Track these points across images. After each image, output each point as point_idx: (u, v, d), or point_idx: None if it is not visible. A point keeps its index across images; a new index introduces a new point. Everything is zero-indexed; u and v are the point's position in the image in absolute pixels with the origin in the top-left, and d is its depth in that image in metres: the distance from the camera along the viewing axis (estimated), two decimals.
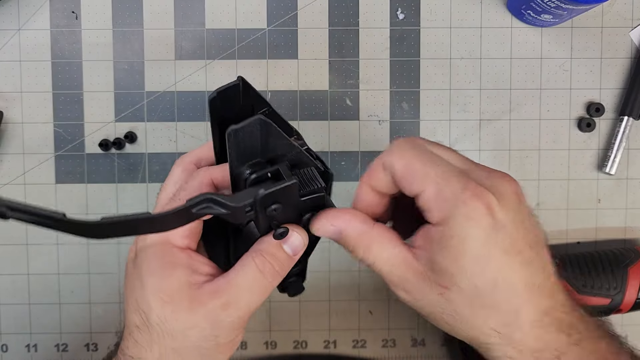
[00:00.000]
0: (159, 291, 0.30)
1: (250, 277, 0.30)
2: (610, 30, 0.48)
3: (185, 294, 0.30)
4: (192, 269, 0.31)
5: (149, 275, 0.30)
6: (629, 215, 0.49)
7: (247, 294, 0.30)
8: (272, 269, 0.30)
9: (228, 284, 0.30)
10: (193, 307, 0.29)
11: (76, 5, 0.47)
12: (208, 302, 0.29)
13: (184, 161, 0.34)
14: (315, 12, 0.48)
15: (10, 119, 0.48)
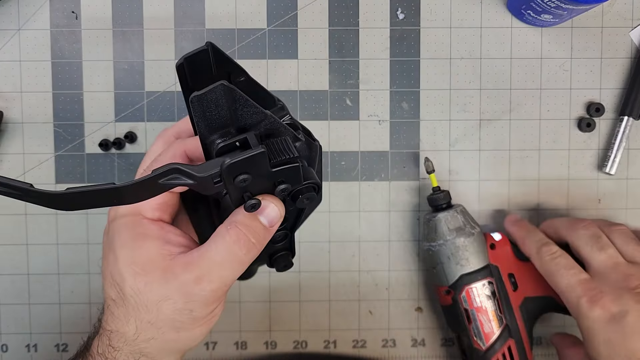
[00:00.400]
0: (132, 263, 0.29)
1: (223, 250, 0.29)
2: (610, 30, 0.48)
3: (158, 265, 0.29)
4: (164, 240, 0.30)
5: (121, 247, 0.30)
6: (629, 215, 0.49)
7: (221, 267, 0.29)
8: (247, 241, 0.29)
9: (201, 257, 0.29)
10: (166, 278, 0.29)
11: (76, 5, 0.47)
12: (180, 274, 0.29)
13: (165, 134, 0.35)
14: (315, 12, 0.48)
15: (10, 118, 0.48)
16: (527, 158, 0.49)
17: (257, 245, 0.30)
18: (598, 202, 0.49)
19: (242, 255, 0.29)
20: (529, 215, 0.49)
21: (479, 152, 0.49)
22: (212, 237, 0.30)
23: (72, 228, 0.49)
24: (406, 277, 0.49)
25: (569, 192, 0.49)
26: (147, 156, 0.34)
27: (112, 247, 0.31)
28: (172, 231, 0.31)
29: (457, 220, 0.44)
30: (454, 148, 0.49)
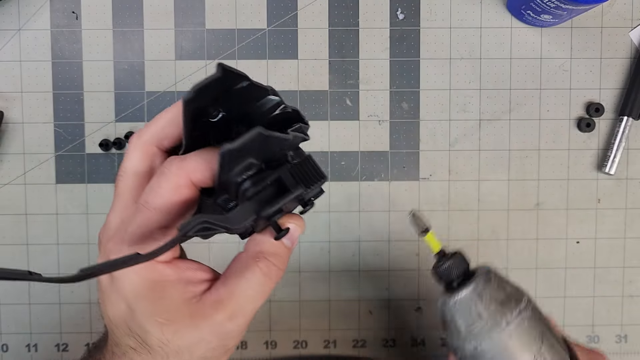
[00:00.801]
0: (154, 314, 0.27)
1: (255, 284, 0.28)
2: (610, 31, 0.48)
3: (185, 312, 0.27)
4: (184, 281, 0.28)
5: (137, 298, 0.27)
6: (629, 215, 0.49)
7: (253, 300, 0.28)
8: (277, 270, 0.28)
9: (232, 293, 0.27)
10: (196, 323, 0.27)
11: (76, 5, 0.48)
12: (212, 315, 0.27)
13: (141, 142, 0.29)
14: (315, 12, 0.48)
15: (11, 119, 0.48)
16: (527, 158, 0.49)
17: (283, 269, 0.29)
18: (598, 202, 0.49)
19: (272, 285, 0.28)
20: (529, 215, 0.49)
21: (479, 152, 0.49)
22: (239, 270, 0.28)
23: (72, 228, 0.49)
24: (406, 278, 0.49)
25: (569, 192, 0.49)
26: (127, 171, 0.29)
27: (123, 297, 0.27)
28: (189, 267, 0.28)
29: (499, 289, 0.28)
30: (454, 148, 0.49)
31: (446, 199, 0.49)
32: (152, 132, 0.28)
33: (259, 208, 0.25)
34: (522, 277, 0.50)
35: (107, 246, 0.27)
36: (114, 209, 0.28)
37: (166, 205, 0.26)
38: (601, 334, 0.50)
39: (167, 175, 0.26)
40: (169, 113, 0.29)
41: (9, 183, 0.48)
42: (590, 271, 0.50)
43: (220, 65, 0.24)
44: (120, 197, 0.28)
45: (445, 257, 0.29)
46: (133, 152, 0.28)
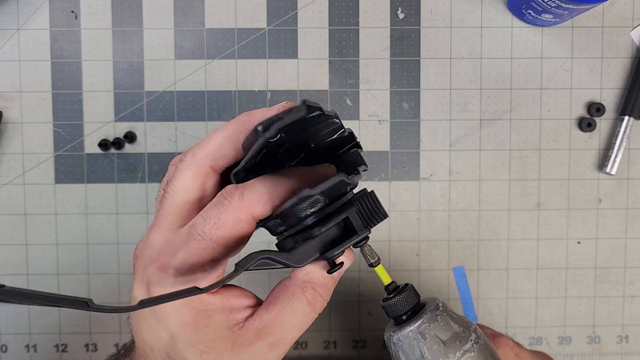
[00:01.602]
0: (196, 343, 0.26)
1: (300, 313, 0.27)
2: (610, 30, 0.48)
3: (227, 339, 0.26)
4: (229, 309, 0.27)
5: (181, 327, 0.26)
6: (630, 215, 0.49)
7: (296, 329, 0.27)
8: (322, 301, 0.28)
9: (275, 321, 0.27)
10: (237, 351, 0.26)
11: (75, 4, 0.47)
12: (254, 343, 0.26)
13: (195, 161, 0.27)
14: (315, 11, 0.48)
15: (10, 118, 0.48)
16: (528, 158, 0.49)
17: (328, 300, 0.29)
18: (599, 202, 0.49)
19: (315, 315, 0.28)
20: (530, 215, 0.49)
21: (480, 152, 0.49)
22: (285, 298, 0.27)
23: (72, 228, 0.48)
24: (406, 278, 0.49)
25: (570, 192, 0.49)
26: (178, 190, 0.27)
27: (165, 323, 0.26)
28: (233, 294, 0.27)
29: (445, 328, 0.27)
30: (454, 148, 0.49)
31: (447, 199, 0.49)
32: (207, 151, 0.27)
33: (323, 248, 0.25)
34: (523, 278, 0.49)
35: (149, 270, 0.26)
36: (158, 226, 0.27)
37: (224, 239, 0.25)
38: (602, 334, 0.50)
39: (228, 208, 0.25)
40: (224, 132, 0.27)
41: (8, 183, 0.48)
42: (591, 271, 0.49)
43: (304, 103, 0.23)
44: (166, 216, 0.27)
45: (395, 290, 0.29)
46: (185, 171, 0.27)
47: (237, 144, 0.27)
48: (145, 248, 0.27)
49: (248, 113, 0.27)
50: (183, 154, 0.28)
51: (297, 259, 0.25)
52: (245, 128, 0.27)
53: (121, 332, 0.49)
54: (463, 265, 0.49)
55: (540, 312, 0.50)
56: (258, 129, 0.23)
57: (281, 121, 0.22)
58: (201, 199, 0.27)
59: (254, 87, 0.48)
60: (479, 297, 0.49)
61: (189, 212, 0.27)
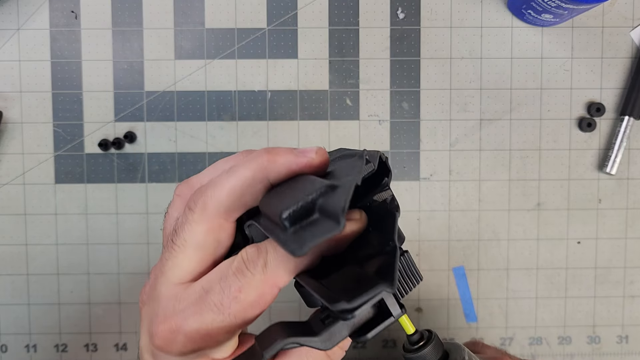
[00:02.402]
0: None
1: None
2: (611, 30, 0.48)
3: None
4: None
5: None
6: (630, 215, 0.49)
7: None
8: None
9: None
10: None
11: (75, 4, 0.47)
12: None
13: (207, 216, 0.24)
14: (315, 11, 0.48)
15: (10, 118, 0.48)
16: (528, 158, 0.49)
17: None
18: (599, 203, 0.49)
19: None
20: (530, 215, 0.49)
21: (480, 152, 0.49)
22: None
23: (71, 228, 0.48)
24: None
25: (570, 192, 0.49)
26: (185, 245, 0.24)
27: None
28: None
29: None
30: (454, 148, 0.49)
31: (447, 199, 0.49)
32: (220, 203, 0.23)
33: (355, 333, 0.23)
34: (523, 278, 0.49)
35: (157, 328, 0.23)
36: (165, 277, 0.25)
37: (243, 312, 0.23)
38: (602, 334, 0.50)
39: (251, 281, 0.23)
40: (240, 178, 0.23)
41: (8, 183, 0.48)
42: (591, 271, 0.49)
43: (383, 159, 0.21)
44: (174, 269, 0.24)
45: (421, 340, 0.27)
46: (196, 226, 0.24)
47: (256, 194, 0.23)
48: (151, 298, 0.25)
49: (270, 155, 0.23)
50: (193, 198, 0.24)
51: (326, 342, 0.23)
52: (265, 176, 0.23)
53: (121, 332, 0.49)
54: (463, 265, 0.49)
55: (540, 312, 0.50)
56: (285, 222, 0.20)
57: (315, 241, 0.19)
58: (215, 250, 0.25)
59: (254, 87, 0.48)
60: (479, 297, 0.49)
61: (201, 266, 0.25)
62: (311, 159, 0.23)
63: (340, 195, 0.19)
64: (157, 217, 0.48)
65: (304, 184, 0.22)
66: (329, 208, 0.19)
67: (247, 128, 0.48)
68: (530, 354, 0.50)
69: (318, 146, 0.24)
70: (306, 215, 0.20)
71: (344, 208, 0.18)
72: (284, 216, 0.20)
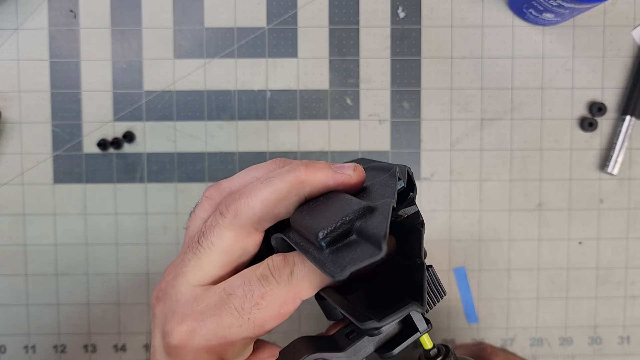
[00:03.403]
0: None
1: None
2: (612, 29, 0.48)
3: None
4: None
5: None
6: (631, 215, 0.49)
7: None
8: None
9: None
10: None
11: (74, 4, 0.47)
12: None
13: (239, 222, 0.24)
14: (315, 10, 0.48)
15: (8, 118, 0.48)
16: (529, 158, 0.49)
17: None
18: (600, 202, 0.49)
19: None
20: (531, 216, 0.49)
21: (480, 151, 0.49)
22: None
23: (70, 229, 0.48)
24: None
25: (571, 192, 0.49)
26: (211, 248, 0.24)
27: None
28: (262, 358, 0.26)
29: None
30: (455, 148, 0.48)
31: (448, 199, 0.49)
32: (253, 212, 0.23)
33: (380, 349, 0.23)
34: (524, 278, 0.49)
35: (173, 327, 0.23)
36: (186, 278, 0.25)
37: (263, 321, 0.23)
38: (603, 335, 0.50)
39: (275, 289, 0.23)
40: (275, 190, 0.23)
41: (7, 183, 0.48)
42: (592, 272, 0.49)
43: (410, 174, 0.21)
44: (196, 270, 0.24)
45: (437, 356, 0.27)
46: (226, 231, 0.24)
47: (288, 207, 0.24)
48: (168, 297, 0.25)
49: (309, 170, 0.23)
50: (225, 203, 0.24)
51: (351, 358, 0.23)
52: (300, 190, 0.23)
53: (120, 333, 0.49)
54: (464, 266, 0.49)
55: (542, 312, 0.49)
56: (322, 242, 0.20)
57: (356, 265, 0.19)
58: (239, 257, 0.25)
59: (253, 86, 0.48)
60: (480, 297, 0.49)
61: (223, 270, 0.25)
62: (349, 177, 0.23)
63: (382, 220, 0.19)
64: (157, 217, 0.48)
65: (340, 203, 0.22)
66: (369, 232, 0.19)
67: (247, 128, 0.48)
68: (531, 355, 0.49)
69: (355, 164, 0.24)
70: (343, 237, 0.20)
71: (385, 234, 0.18)
72: (321, 236, 0.20)
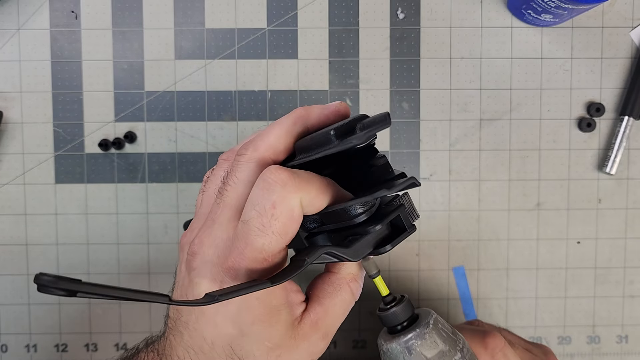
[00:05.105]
0: (265, 339, 0.27)
1: (346, 303, 0.30)
2: (610, 30, 0.48)
3: (290, 334, 0.27)
4: (291, 304, 0.28)
5: (253, 324, 0.26)
6: (630, 215, 0.49)
7: (341, 318, 0.30)
8: (359, 290, 0.30)
9: (326, 313, 0.29)
10: (297, 344, 0.28)
11: (76, 4, 0.47)
12: (310, 335, 0.28)
13: (258, 155, 0.27)
14: (315, 11, 0.48)
15: (10, 118, 0.48)
16: (528, 158, 0.49)
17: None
18: (598, 202, 0.49)
19: (353, 304, 0.31)
20: (529, 215, 0.49)
21: (479, 152, 0.49)
22: (332, 290, 0.29)
23: (72, 228, 0.48)
24: (406, 278, 0.49)
25: (569, 192, 0.49)
26: (237, 184, 0.27)
27: (236, 320, 0.26)
28: (292, 289, 0.28)
29: (431, 346, 0.28)
30: (454, 148, 0.49)
31: (447, 199, 0.49)
32: (269, 144, 0.27)
33: (377, 243, 0.28)
34: (523, 278, 0.49)
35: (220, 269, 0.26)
36: (219, 222, 0.27)
37: (285, 227, 0.25)
38: (602, 334, 0.50)
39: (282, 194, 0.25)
40: (284, 126, 0.28)
41: (8, 183, 0.48)
42: (591, 271, 0.49)
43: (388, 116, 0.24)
44: (226, 209, 0.27)
45: (393, 302, 0.30)
46: (248, 164, 0.27)
47: (295, 137, 0.28)
48: (206, 245, 0.27)
49: (305, 108, 0.28)
50: (243, 147, 0.28)
51: (354, 253, 0.27)
52: (303, 124, 0.28)
53: (121, 332, 0.49)
54: (463, 265, 0.49)
55: (540, 312, 0.50)
56: (331, 135, 0.25)
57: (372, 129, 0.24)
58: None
59: (253, 87, 0.48)
60: (479, 297, 0.49)
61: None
62: (337, 107, 0.28)
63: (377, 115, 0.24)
64: (158, 217, 0.49)
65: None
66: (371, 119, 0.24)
67: (248, 128, 0.48)
68: None
69: (340, 101, 0.29)
70: (349, 132, 0.25)
71: (387, 112, 0.24)
72: (332, 133, 0.25)
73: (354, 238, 0.27)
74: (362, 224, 0.27)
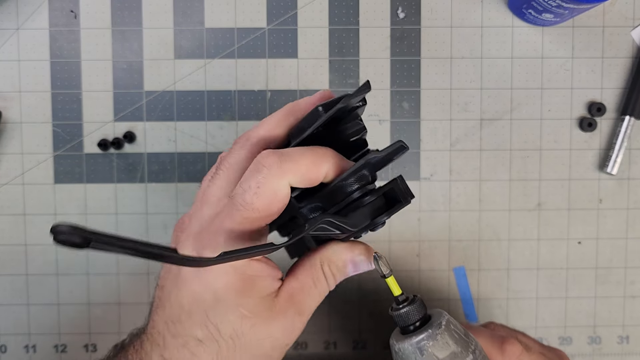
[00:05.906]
0: (240, 306, 0.28)
1: (320, 285, 0.30)
2: (611, 30, 0.48)
3: (265, 305, 0.28)
4: (270, 277, 0.29)
5: (227, 289, 0.27)
6: (631, 215, 0.49)
7: (316, 300, 0.30)
8: (333, 280, 0.31)
9: (301, 290, 0.29)
10: (273, 317, 0.28)
11: (75, 4, 0.47)
12: (286, 310, 0.29)
13: (250, 143, 0.30)
14: (315, 11, 0.48)
15: (9, 118, 0.48)
16: (528, 158, 0.49)
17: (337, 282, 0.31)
18: (599, 202, 0.49)
19: (327, 291, 0.31)
20: (530, 216, 0.49)
21: (480, 152, 0.49)
22: (308, 268, 0.30)
23: None
24: (407, 278, 0.49)
25: (570, 192, 0.49)
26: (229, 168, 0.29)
27: (211, 286, 0.27)
28: (272, 265, 0.29)
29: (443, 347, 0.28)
30: (455, 148, 0.49)
31: (447, 199, 0.49)
32: (260, 134, 0.30)
33: (374, 215, 0.28)
34: (523, 278, 0.49)
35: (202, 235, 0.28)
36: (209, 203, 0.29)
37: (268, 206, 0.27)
38: (603, 334, 0.50)
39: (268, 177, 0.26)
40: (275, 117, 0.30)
41: (7, 183, 0.48)
42: (591, 272, 0.49)
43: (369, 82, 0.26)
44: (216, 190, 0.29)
45: (405, 302, 0.29)
46: (240, 150, 0.29)
47: (287, 128, 0.30)
48: (195, 219, 0.29)
49: (294, 102, 0.30)
50: (237, 138, 0.31)
51: (352, 223, 0.27)
52: (293, 115, 0.30)
53: (120, 333, 0.49)
54: (464, 266, 0.49)
55: (541, 312, 0.50)
56: (319, 109, 0.27)
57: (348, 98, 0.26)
58: None
59: (253, 86, 0.48)
60: (480, 297, 0.49)
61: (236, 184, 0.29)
62: (322, 92, 0.30)
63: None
64: (157, 217, 0.48)
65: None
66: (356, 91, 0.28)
67: (247, 128, 0.48)
68: None
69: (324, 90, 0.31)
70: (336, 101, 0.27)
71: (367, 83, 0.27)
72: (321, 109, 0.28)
73: (352, 208, 0.28)
74: (359, 198, 0.28)
